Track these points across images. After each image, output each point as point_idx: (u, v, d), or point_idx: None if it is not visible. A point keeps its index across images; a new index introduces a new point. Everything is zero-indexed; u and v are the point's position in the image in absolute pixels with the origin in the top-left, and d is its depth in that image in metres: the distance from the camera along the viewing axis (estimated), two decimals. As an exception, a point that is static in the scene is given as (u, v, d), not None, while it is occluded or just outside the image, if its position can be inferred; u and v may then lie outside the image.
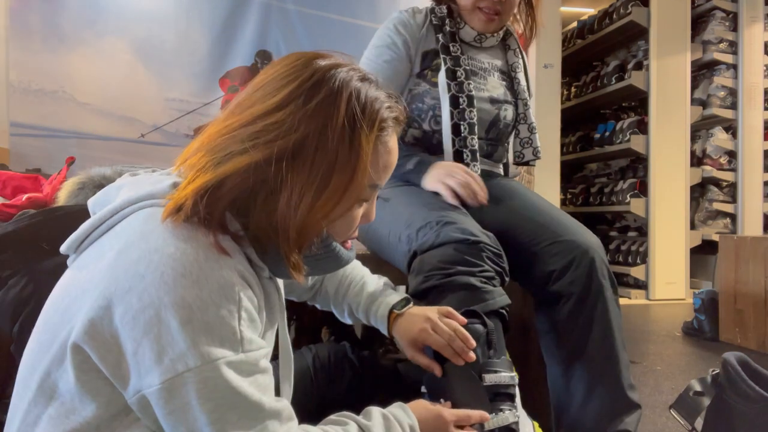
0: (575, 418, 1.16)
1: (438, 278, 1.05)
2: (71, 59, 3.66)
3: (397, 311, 0.98)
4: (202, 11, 3.86)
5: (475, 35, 1.44)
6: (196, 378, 0.57)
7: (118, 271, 0.59)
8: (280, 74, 0.67)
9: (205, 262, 0.59)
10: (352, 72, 0.68)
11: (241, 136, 0.64)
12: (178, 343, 0.57)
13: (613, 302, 1.19)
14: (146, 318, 0.57)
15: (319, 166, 0.64)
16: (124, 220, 0.65)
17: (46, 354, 0.62)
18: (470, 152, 1.35)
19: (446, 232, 1.10)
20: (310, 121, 0.64)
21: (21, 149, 3.56)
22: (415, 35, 1.43)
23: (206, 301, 0.58)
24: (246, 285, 0.63)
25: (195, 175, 0.63)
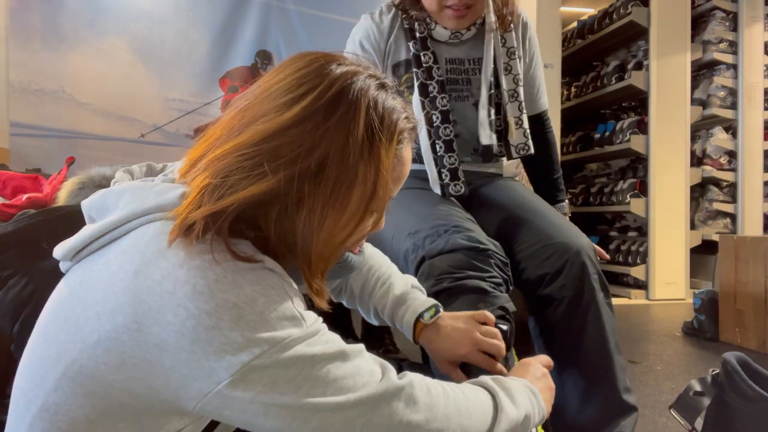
0: (571, 422, 1.16)
1: (449, 281, 1.06)
2: (71, 59, 3.66)
3: (424, 321, 0.92)
4: (202, 11, 3.86)
5: (449, 33, 1.36)
6: (267, 361, 0.54)
7: (140, 293, 0.56)
8: (293, 83, 0.63)
9: (234, 264, 0.57)
10: (370, 80, 0.65)
11: (256, 155, 0.59)
12: (236, 340, 0.54)
13: (605, 305, 1.18)
14: (189, 328, 0.54)
15: (341, 184, 0.61)
16: (131, 234, 0.61)
17: (52, 371, 0.59)
18: (448, 172, 1.31)
19: (455, 239, 1.10)
20: (331, 137, 0.60)
21: (21, 149, 3.56)
22: (380, 48, 1.37)
23: (251, 295, 0.55)
24: (281, 274, 0.60)
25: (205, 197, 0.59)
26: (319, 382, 0.57)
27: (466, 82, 1.39)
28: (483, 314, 0.92)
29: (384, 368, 0.62)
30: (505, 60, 1.39)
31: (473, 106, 1.39)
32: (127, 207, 0.62)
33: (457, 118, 1.38)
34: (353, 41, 1.41)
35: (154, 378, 0.56)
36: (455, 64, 1.39)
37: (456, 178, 1.32)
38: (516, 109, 1.39)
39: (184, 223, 0.58)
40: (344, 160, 0.61)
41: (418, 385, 0.63)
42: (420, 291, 0.97)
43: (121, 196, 0.64)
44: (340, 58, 0.66)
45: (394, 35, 1.37)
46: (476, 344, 0.88)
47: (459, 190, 1.32)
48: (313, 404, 0.56)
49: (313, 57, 0.65)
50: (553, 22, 3.94)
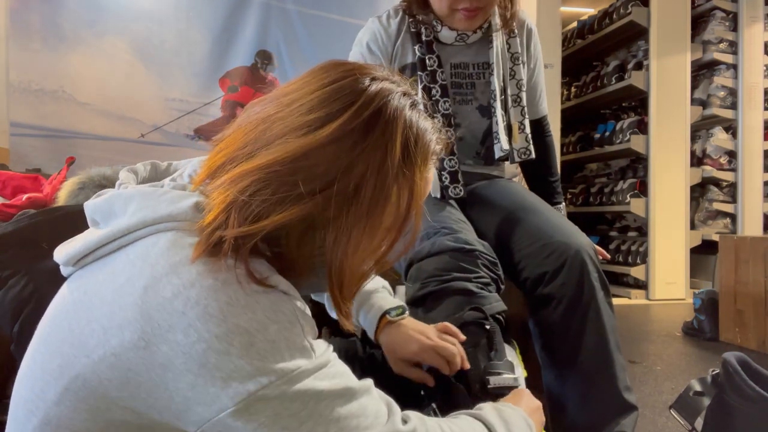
0: (571, 421, 1.16)
1: (435, 284, 1.06)
2: (71, 59, 3.67)
3: (390, 317, 0.93)
4: (202, 11, 3.86)
5: (455, 36, 1.36)
6: (273, 393, 0.53)
7: (149, 309, 0.54)
8: (327, 97, 0.60)
9: (248, 286, 0.55)
10: (404, 98, 0.63)
11: (290, 174, 0.57)
12: (244, 368, 0.52)
13: (605, 304, 1.18)
14: (198, 351, 0.52)
15: (375, 205, 0.59)
16: (139, 243, 0.59)
17: (54, 384, 0.58)
18: (449, 174, 1.33)
19: (441, 241, 1.11)
20: (368, 157, 0.58)
21: (21, 149, 3.56)
22: (388, 51, 1.38)
23: (263, 321, 0.54)
24: (294, 297, 0.58)
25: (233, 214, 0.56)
26: (322, 419, 0.55)
27: (470, 86, 1.40)
28: (444, 325, 0.94)
29: (390, 409, 0.61)
30: (510, 65, 1.40)
31: (477, 109, 1.40)
32: (136, 214, 0.60)
33: (461, 122, 1.40)
34: (360, 43, 1.42)
35: (157, 398, 0.55)
36: (460, 69, 1.40)
37: (456, 181, 1.33)
38: (519, 113, 1.40)
39: (211, 240, 0.56)
40: (380, 181, 0.59)
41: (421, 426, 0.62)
42: (389, 293, 0.98)
43: (129, 202, 0.62)
44: (372, 70, 0.64)
45: (401, 39, 1.38)
46: (428, 344, 0.90)
47: (458, 193, 1.33)
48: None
49: (347, 69, 0.63)
50: (553, 22, 3.94)
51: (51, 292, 0.68)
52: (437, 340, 0.91)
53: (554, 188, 1.55)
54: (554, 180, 1.55)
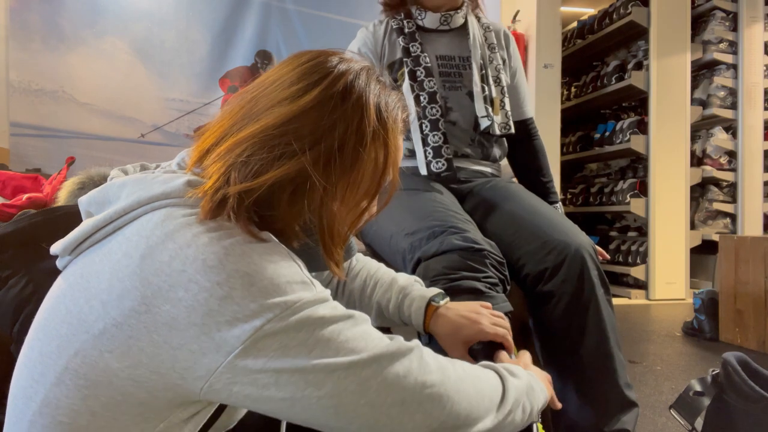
0: (573, 418, 1.16)
1: (444, 283, 1.06)
2: (71, 59, 3.67)
3: (436, 304, 0.93)
4: (202, 11, 3.86)
5: (439, 18, 1.45)
6: (279, 325, 0.55)
7: (148, 276, 0.56)
8: (304, 71, 0.67)
9: (243, 239, 0.58)
10: (370, 72, 0.70)
11: (281, 135, 0.62)
12: (248, 306, 0.54)
13: (605, 301, 1.19)
14: (201, 301, 0.54)
15: (356, 161, 0.65)
16: (135, 222, 0.61)
17: (53, 366, 0.59)
18: (432, 149, 1.37)
19: (450, 240, 1.11)
20: (348, 118, 0.65)
21: (21, 149, 3.56)
22: (377, 53, 1.48)
23: (260, 264, 0.56)
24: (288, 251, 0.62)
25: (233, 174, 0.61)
26: (331, 343, 0.57)
27: (457, 75, 1.46)
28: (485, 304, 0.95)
29: (391, 335, 0.64)
30: (488, 53, 1.49)
31: (467, 95, 1.44)
32: (131, 196, 0.63)
33: (452, 106, 1.44)
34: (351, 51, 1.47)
35: (161, 361, 0.56)
36: (446, 60, 1.47)
37: (439, 156, 1.36)
38: (499, 92, 1.47)
39: (216, 198, 0.60)
40: (359, 139, 0.65)
41: (426, 350, 0.65)
42: (422, 285, 0.98)
43: (122, 188, 0.65)
44: (340, 53, 0.71)
45: (387, 38, 1.48)
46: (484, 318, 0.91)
47: (441, 167, 1.36)
48: (325, 365, 0.56)
49: (317, 52, 0.70)
50: (553, 22, 3.94)
51: (51, 292, 0.68)
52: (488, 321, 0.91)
53: (548, 188, 1.57)
54: (547, 181, 1.58)
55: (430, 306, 0.93)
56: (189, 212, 0.61)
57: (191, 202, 0.62)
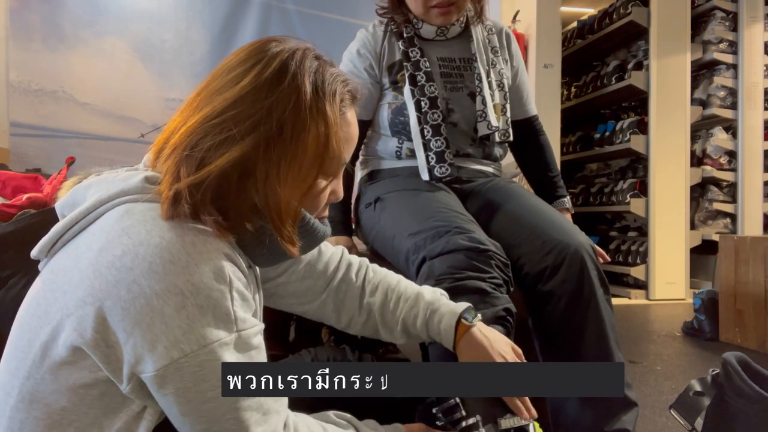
0: (573, 418, 1.16)
1: (449, 282, 1.06)
2: (71, 59, 3.66)
3: (468, 323, 0.89)
4: (202, 11, 3.86)
5: (435, 30, 1.45)
6: (192, 362, 0.58)
7: (101, 267, 0.59)
8: (241, 58, 0.69)
9: (193, 246, 0.60)
10: (308, 51, 0.72)
11: (222, 123, 0.64)
12: (173, 330, 0.57)
13: (604, 301, 1.19)
14: (137, 308, 0.57)
15: (297, 138, 0.67)
16: (98, 220, 0.64)
17: (24, 359, 0.62)
18: (434, 155, 1.37)
19: (456, 240, 1.11)
20: (285, 98, 0.66)
21: (21, 149, 3.56)
22: (376, 54, 1.47)
23: (197, 285, 0.58)
24: (235, 266, 0.63)
25: (182, 170, 0.63)
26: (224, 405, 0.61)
27: (458, 75, 1.46)
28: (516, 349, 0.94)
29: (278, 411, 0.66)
30: (491, 57, 1.48)
31: (468, 96, 1.44)
32: (94, 195, 0.66)
33: (454, 107, 1.43)
34: (350, 51, 1.50)
35: (100, 355, 0.59)
36: (447, 62, 1.46)
37: (442, 161, 1.36)
38: (502, 97, 1.46)
39: (170, 195, 0.62)
40: (298, 116, 0.67)
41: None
42: (447, 298, 0.95)
43: (88, 189, 0.68)
44: (279, 38, 0.73)
45: (387, 40, 1.48)
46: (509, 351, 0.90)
47: (444, 172, 1.36)
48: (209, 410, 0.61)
49: (260, 39, 0.73)
50: (553, 22, 3.94)
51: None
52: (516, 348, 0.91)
53: (555, 183, 1.58)
54: (554, 175, 1.59)
55: (461, 325, 0.89)
56: (147, 207, 0.63)
57: (149, 197, 0.64)
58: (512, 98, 1.53)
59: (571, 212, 1.57)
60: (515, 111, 1.54)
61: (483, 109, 1.42)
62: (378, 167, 1.51)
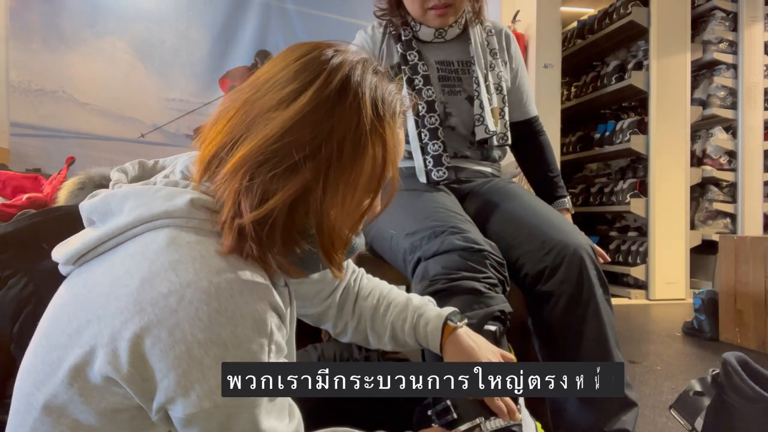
0: (573, 418, 1.16)
1: (443, 282, 1.06)
2: (71, 59, 3.67)
3: (453, 323, 0.90)
4: (202, 11, 3.86)
5: (433, 32, 1.45)
6: (222, 413, 0.57)
7: (143, 302, 0.56)
8: (297, 70, 0.64)
9: (240, 296, 0.57)
10: (367, 64, 0.68)
11: (284, 149, 0.60)
12: (209, 380, 0.56)
13: (604, 301, 1.19)
14: (176, 353, 0.55)
15: (355, 162, 0.63)
16: (138, 239, 0.61)
17: (52, 375, 0.60)
18: (432, 158, 1.37)
19: (450, 240, 1.10)
20: (346, 118, 0.63)
21: (21, 149, 3.56)
22: (375, 55, 1.47)
23: (240, 337, 0.57)
24: (277, 315, 0.61)
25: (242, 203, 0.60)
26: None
27: (456, 79, 1.46)
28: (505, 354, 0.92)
29: None
30: (490, 59, 1.48)
31: (466, 99, 1.44)
32: (133, 212, 0.62)
33: (452, 110, 1.43)
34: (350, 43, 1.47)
35: (135, 388, 0.57)
36: (445, 65, 1.46)
37: (439, 164, 1.36)
38: (500, 101, 1.46)
39: (234, 229, 0.59)
40: (358, 138, 0.63)
41: None
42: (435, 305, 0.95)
43: (125, 200, 0.64)
44: (334, 45, 0.68)
45: (385, 42, 1.47)
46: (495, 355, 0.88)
47: (442, 175, 1.36)
48: None
49: (311, 45, 0.67)
50: (553, 22, 3.94)
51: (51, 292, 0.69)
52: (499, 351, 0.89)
53: (556, 183, 1.58)
54: (554, 176, 1.59)
55: (447, 327, 0.90)
56: (197, 240, 0.60)
57: (196, 224, 0.61)
58: (512, 99, 1.52)
59: (571, 212, 1.57)
60: (515, 112, 1.54)
61: (481, 113, 1.41)
62: None
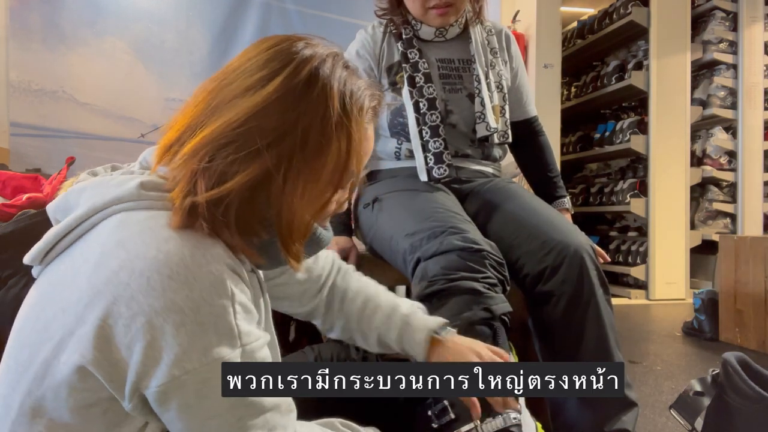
0: (572, 418, 1.16)
1: (442, 283, 1.06)
2: (71, 59, 3.66)
3: (438, 336, 0.89)
4: (202, 11, 3.86)
5: (434, 31, 1.45)
6: (194, 379, 0.56)
7: (98, 283, 0.57)
8: (266, 58, 0.64)
9: (191, 259, 0.57)
10: (337, 59, 0.68)
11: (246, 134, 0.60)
12: (173, 348, 0.55)
13: (604, 301, 1.19)
14: (137, 326, 0.55)
15: (319, 154, 0.63)
16: (94, 229, 0.62)
17: (24, 373, 0.60)
18: (433, 156, 1.37)
19: (450, 241, 1.10)
20: (313, 109, 0.63)
21: (21, 149, 3.56)
22: (375, 54, 1.47)
23: (197, 300, 0.56)
24: (237, 277, 0.61)
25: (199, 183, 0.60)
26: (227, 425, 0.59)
27: (457, 77, 1.46)
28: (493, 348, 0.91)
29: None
30: (490, 58, 1.48)
31: (466, 97, 1.44)
32: (88, 202, 0.63)
33: (453, 108, 1.43)
34: (349, 53, 1.50)
35: (103, 373, 0.57)
36: (446, 63, 1.46)
37: (440, 162, 1.36)
38: (501, 99, 1.46)
39: (185, 205, 0.59)
40: (323, 130, 0.63)
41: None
42: (424, 312, 0.95)
43: (82, 194, 0.65)
44: (306, 37, 0.68)
45: (386, 41, 1.48)
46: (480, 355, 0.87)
47: (443, 173, 1.36)
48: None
49: (282, 37, 0.68)
50: (553, 22, 3.94)
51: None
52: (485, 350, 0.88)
53: (555, 183, 1.58)
54: (554, 176, 1.59)
55: (434, 339, 0.89)
56: (145, 216, 0.60)
57: (145, 204, 0.61)
58: (512, 99, 1.52)
59: (571, 212, 1.57)
60: (515, 112, 1.54)
61: (482, 111, 1.42)
62: (377, 168, 1.51)
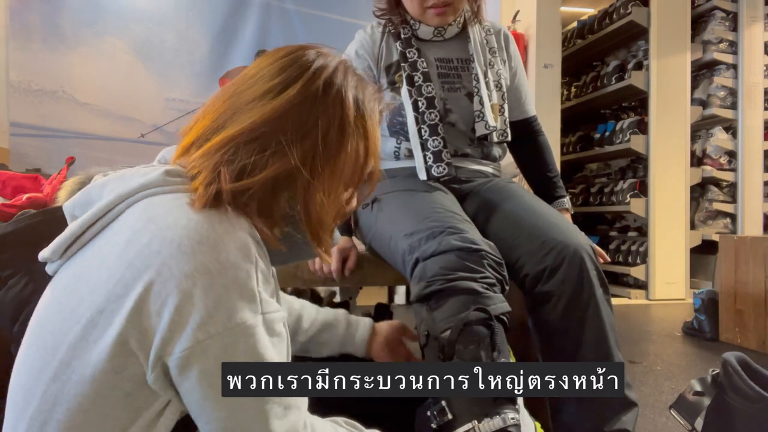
0: (572, 418, 1.16)
1: (440, 283, 1.06)
2: (71, 59, 3.67)
3: None
4: (202, 11, 3.86)
5: (433, 31, 1.46)
6: (217, 344, 0.58)
7: (129, 257, 0.58)
8: (284, 65, 0.69)
9: (220, 225, 0.60)
10: (349, 66, 0.73)
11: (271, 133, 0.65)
12: (200, 311, 0.57)
13: (604, 301, 1.19)
14: (167, 291, 0.57)
15: (340, 154, 0.68)
16: (120, 217, 0.63)
17: (51, 360, 0.60)
18: (432, 154, 1.37)
19: (448, 241, 1.10)
20: (331, 111, 0.68)
21: (21, 149, 3.56)
22: (374, 54, 1.48)
23: (224, 263, 0.58)
24: (260, 246, 0.63)
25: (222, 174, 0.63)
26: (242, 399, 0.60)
27: (456, 76, 1.46)
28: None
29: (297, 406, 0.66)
30: (489, 57, 1.48)
31: (465, 96, 1.44)
32: (112, 192, 0.65)
33: (452, 107, 1.44)
34: (348, 53, 1.50)
35: (134, 342, 0.58)
36: (444, 62, 1.47)
37: (439, 160, 1.37)
38: (500, 98, 1.46)
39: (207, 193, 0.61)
40: (341, 131, 0.69)
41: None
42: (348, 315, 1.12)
43: (104, 187, 0.67)
44: (317, 47, 0.74)
45: (385, 41, 1.48)
46: None
47: (442, 171, 1.36)
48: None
49: (295, 47, 0.73)
50: (553, 22, 3.94)
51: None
52: None
53: (554, 183, 1.58)
54: (553, 176, 1.59)
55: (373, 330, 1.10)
56: (173, 197, 0.63)
57: (170, 189, 0.64)
58: (511, 99, 1.53)
59: (570, 212, 1.57)
60: (514, 112, 1.54)
61: (481, 110, 1.42)
62: None
